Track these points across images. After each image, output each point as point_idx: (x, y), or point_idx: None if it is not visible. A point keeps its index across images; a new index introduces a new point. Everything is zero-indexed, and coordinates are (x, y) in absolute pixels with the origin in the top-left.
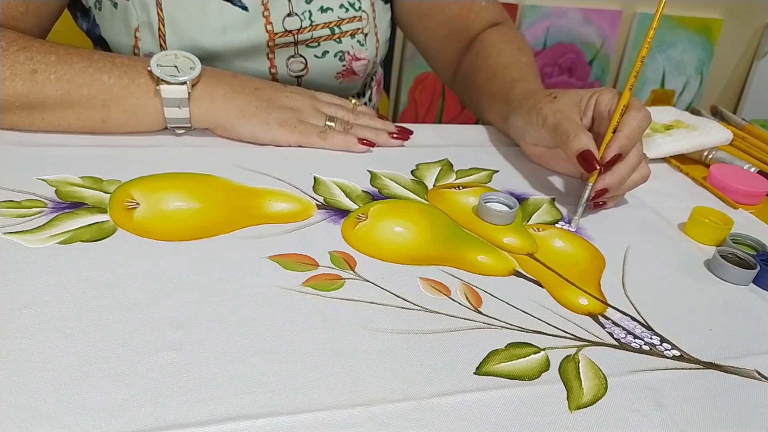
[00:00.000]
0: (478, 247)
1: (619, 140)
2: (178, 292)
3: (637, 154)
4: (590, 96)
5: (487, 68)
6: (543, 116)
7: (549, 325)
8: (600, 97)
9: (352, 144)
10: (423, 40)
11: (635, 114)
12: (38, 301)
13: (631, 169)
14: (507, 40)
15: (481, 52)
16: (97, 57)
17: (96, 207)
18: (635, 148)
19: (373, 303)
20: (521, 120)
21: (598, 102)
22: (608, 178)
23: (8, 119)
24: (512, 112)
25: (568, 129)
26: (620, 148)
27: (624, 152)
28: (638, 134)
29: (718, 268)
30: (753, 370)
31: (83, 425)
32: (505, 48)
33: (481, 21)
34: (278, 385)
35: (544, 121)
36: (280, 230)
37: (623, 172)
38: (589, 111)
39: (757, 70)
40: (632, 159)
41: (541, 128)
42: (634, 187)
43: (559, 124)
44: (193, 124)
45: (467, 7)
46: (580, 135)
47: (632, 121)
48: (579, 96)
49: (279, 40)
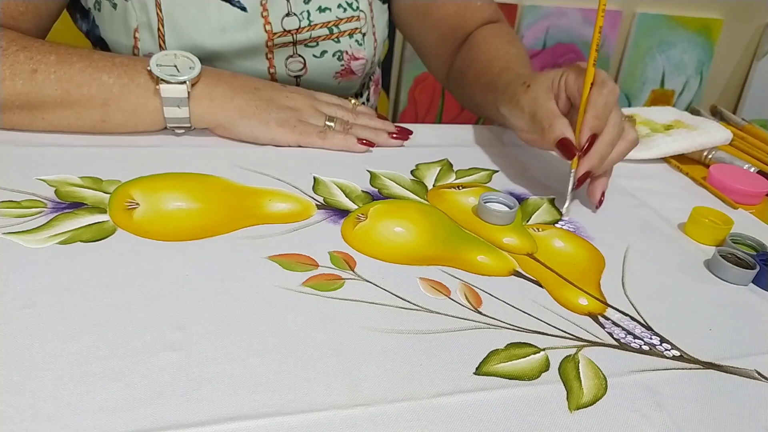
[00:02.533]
0: (478, 247)
1: (588, 122)
2: (178, 292)
3: (613, 128)
4: (560, 77)
5: (478, 63)
6: (520, 107)
7: (549, 325)
8: (568, 77)
9: (352, 144)
10: (419, 39)
11: (599, 91)
12: (38, 301)
13: (609, 145)
14: (498, 35)
15: (473, 47)
16: (97, 56)
17: (96, 207)
18: (610, 122)
19: (373, 303)
20: (506, 110)
21: (567, 83)
22: (587, 162)
23: (8, 119)
24: (498, 102)
25: (542, 120)
26: (592, 129)
27: (597, 132)
28: (606, 111)
29: (718, 268)
30: (753, 370)
31: (83, 425)
32: (495, 42)
33: (476, 20)
34: (278, 385)
35: (522, 112)
36: (280, 230)
37: (601, 152)
38: (562, 93)
39: (757, 70)
40: (608, 135)
41: (521, 118)
42: (623, 156)
43: (534, 114)
44: (193, 123)
45: (463, 6)
46: (554, 124)
47: (597, 100)
48: (550, 80)
49: (278, 39)
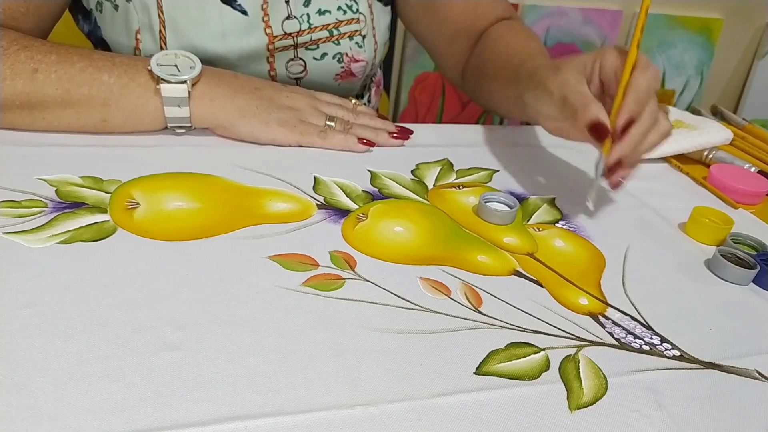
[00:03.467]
0: (478, 247)
1: (628, 105)
2: (178, 292)
3: (649, 116)
4: (594, 60)
5: (497, 57)
6: (549, 91)
7: (549, 325)
8: (604, 59)
9: (352, 144)
10: (429, 38)
11: (642, 74)
12: (38, 301)
13: (643, 133)
14: (514, 31)
15: (490, 44)
16: (98, 56)
17: (96, 207)
18: (647, 109)
19: (373, 303)
20: (532, 97)
21: (603, 65)
22: (620, 148)
23: (8, 118)
24: (523, 91)
25: (574, 102)
26: (630, 113)
27: (635, 117)
28: (647, 95)
29: (718, 267)
30: (753, 370)
31: (83, 425)
32: (512, 37)
33: (489, 17)
34: (278, 385)
35: (551, 96)
36: (280, 230)
37: (636, 139)
38: (595, 76)
39: (757, 70)
40: (645, 122)
41: (549, 103)
42: (653, 148)
43: (565, 97)
44: (193, 123)
45: (473, 3)
46: (588, 106)
47: (640, 83)
48: (582, 63)
49: (278, 43)
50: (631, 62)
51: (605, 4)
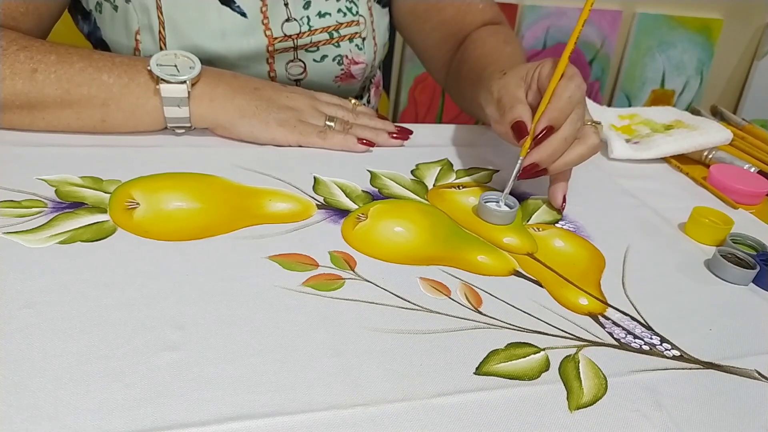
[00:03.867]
0: (478, 247)
1: (548, 112)
2: (178, 292)
3: (571, 125)
4: (534, 68)
5: (471, 60)
6: (491, 92)
7: (549, 325)
8: (542, 68)
9: (352, 144)
10: (419, 42)
11: (565, 84)
12: (38, 301)
13: (563, 141)
14: (495, 34)
15: (468, 46)
16: (97, 56)
17: (96, 207)
18: (569, 120)
19: (373, 303)
20: (483, 100)
21: (540, 75)
22: (536, 153)
23: (8, 118)
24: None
25: (505, 102)
26: (549, 120)
27: (555, 124)
28: (569, 105)
29: (718, 268)
30: (753, 370)
31: (83, 425)
32: (490, 40)
33: (477, 23)
34: (278, 385)
35: (492, 96)
36: (280, 230)
37: (554, 146)
38: (533, 84)
39: (757, 70)
40: (565, 131)
41: (491, 104)
42: (580, 160)
43: (500, 98)
44: (193, 123)
45: (463, 9)
46: (515, 106)
47: (562, 93)
48: (525, 70)
49: (278, 45)
50: (560, 72)
51: (605, 4)
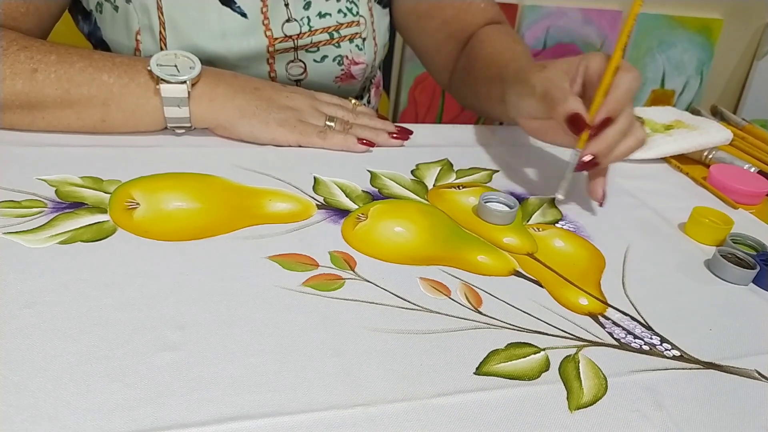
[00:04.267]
0: (478, 247)
1: (608, 103)
2: (178, 292)
3: (626, 118)
4: (579, 62)
5: (483, 58)
6: (531, 85)
7: (549, 325)
8: (590, 62)
9: (352, 144)
10: (420, 43)
11: (625, 75)
12: (38, 301)
13: (620, 133)
14: (501, 33)
15: (476, 45)
16: (97, 56)
17: (96, 207)
18: (625, 112)
19: (373, 303)
20: (514, 94)
21: (588, 67)
22: (595, 145)
23: (8, 118)
24: (506, 90)
25: (555, 94)
26: (609, 111)
27: (613, 115)
28: (628, 96)
29: (718, 268)
30: (753, 370)
31: (83, 425)
32: (499, 38)
33: (479, 22)
34: (278, 385)
35: (532, 89)
36: (280, 230)
37: (612, 138)
38: (579, 77)
39: (757, 70)
40: (622, 123)
41: (531, 97)
42: (629, 153)
43: (547, 91)
44: (193, 123)
45: (465, 9)
46: (568, 98)
47: (622, 83)
48: (568, 63)
49: (279, 45)
50: (615, 64)
51: (605, 4)
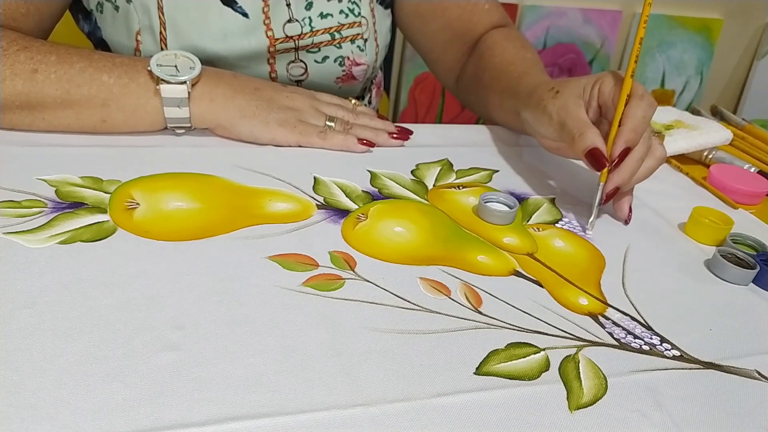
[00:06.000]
0: (478, 247)
1: (624, 134)
2: (178, 292)
3: (644, 143)
4: (593, 85)
5: (493, 66)
6: (548, 114)
7: (549, 325)
8: (602, 86)
9: (352, 144)
10: (424, 44)
11: (638, 103)
12: (38, 301)
13: (639, 160)
14: (510, 39)
15: (485, 51)
16: (97, 57)
17: (96, 207)
18: (643, 138)
19: (373, 303)
20: (530, 116)
21: (601, 92)
22: (617, 176)
23: (8, 119)
24: (521, 108)
25: (572, 128)
26: (627, 142)
27: (632, 145)
28: (643, 125)
29: (718, 268)
30: (753, 370)
31: (83, 425)
32: (509, 46)
33: (484, 24)
34: (278, 385)
35: (549, 118)
36: (280, 230)
37: (632, 167)
38: (593, 101)
39: (757, 70)
40: (640, 150)
41: (548, 126)
42: (651, 173)
43: (563, 122)
44: (193, 123)
45: (469, 9)
46: (585, 133)
47: (636, 112)
48: (581, 87)
49: (280, 45)
50: (626, 92)
51: (605, 4)
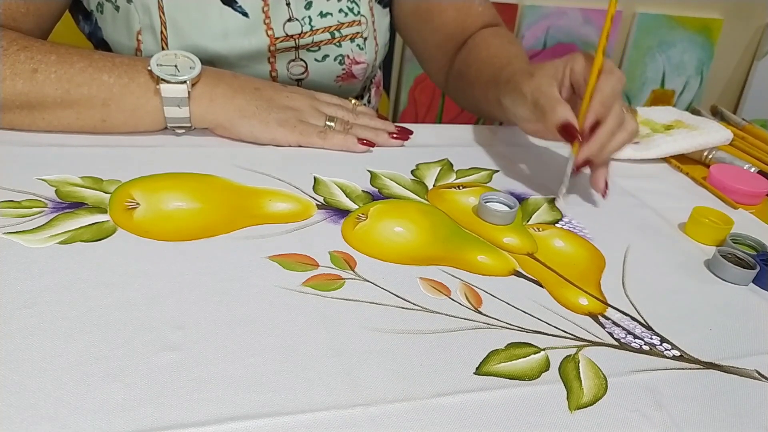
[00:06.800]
0: (478, 247)
1: (594, 108)
2: (178, 292)
3: (615, 117)
4: (565, 65)
5: (479, 61)
6: (523, 94)
7: (549, 325)
8: (574, 65)
9: (352, 144)
10: (419, 44)
11: (607, 78)
12: (38, 301)
13: (610, 133)
14: (497, 35)
15: (473, 48)
16: (98, 56)
17: (96, 207)
18: (612, 111)
19: (373, 303)
20: (509, 101)
21: (573, 71)
22: (587, 149)
23: (8, 118)
24: (501, 95)
25: (544, 104)
26: (597, 115)
27: (601, 118)
28: (612, 98)
29: (718, 268)
30: (753, 370)
31: (83, 425)
32: (495, 41)
33: (477, 25)
34: (278, 385)
35: (524, 99)
36: (280, 230)
37: (602, 139)
38: (566, 80)
39: (757, 70)
40: (610, 123)
41: (524, 106)
42: (622, 146)
43: (536, 100)
44: (193, 123)
45: (464, 11)
46: (556, 108)
47: (605, 87)
48: (554, 68)
49: (280, 44)
50: (597, 68)
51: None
